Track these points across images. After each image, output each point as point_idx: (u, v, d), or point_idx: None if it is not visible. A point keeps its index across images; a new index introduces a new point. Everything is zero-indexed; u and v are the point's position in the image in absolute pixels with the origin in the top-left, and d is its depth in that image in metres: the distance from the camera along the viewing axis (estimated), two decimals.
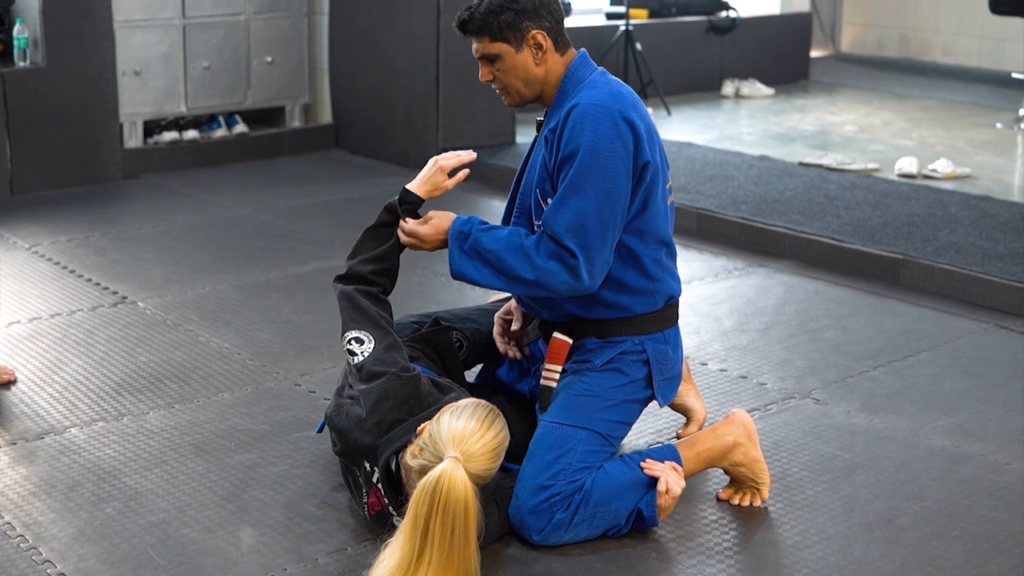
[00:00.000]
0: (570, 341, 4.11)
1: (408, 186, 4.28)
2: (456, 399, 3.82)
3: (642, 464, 3.92)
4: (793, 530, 4.00)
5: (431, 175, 4.25)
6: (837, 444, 4.61)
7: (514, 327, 4.36)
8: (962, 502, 4.19)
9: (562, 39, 4.08)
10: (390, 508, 3.77)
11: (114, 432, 4.66)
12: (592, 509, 3.84)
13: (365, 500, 3.87)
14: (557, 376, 4.05)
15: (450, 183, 4.28)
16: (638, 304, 4.06)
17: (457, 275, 4.04)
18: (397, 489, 3.74)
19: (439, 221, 4.13)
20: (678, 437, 4.53)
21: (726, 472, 4.17)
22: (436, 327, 4.38)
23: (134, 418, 4.79)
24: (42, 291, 6.20)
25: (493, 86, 4.14)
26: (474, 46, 4.07)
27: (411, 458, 3.61)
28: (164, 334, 5.67)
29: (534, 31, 4.00)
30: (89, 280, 6.38)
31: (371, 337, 3.97)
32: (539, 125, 4.19)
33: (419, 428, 3.68)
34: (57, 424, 4.72)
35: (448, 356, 4.33)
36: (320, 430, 4.37)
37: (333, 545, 3.88)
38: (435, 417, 3.64)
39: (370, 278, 4.15)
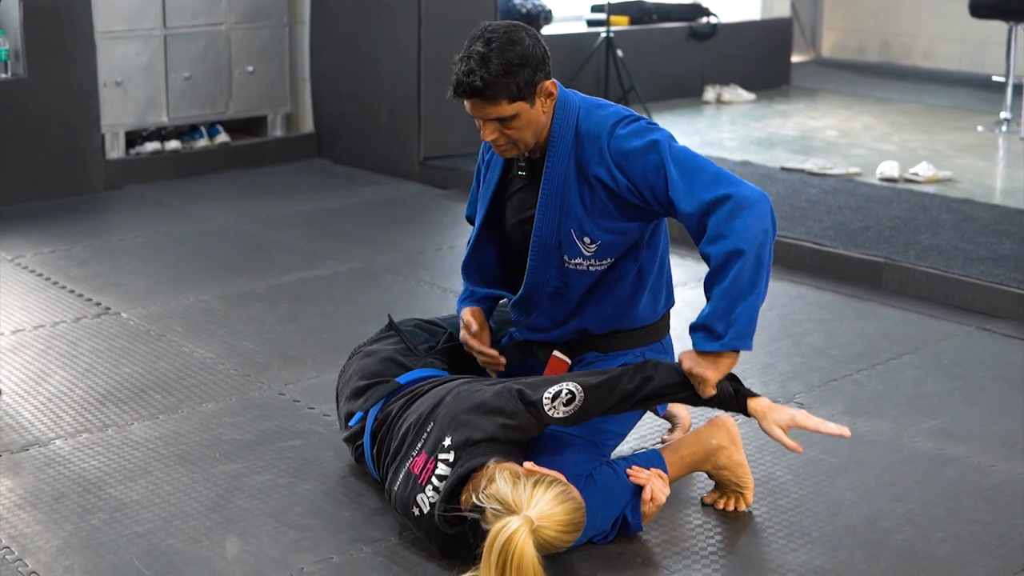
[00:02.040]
0: (569, 361, 4.14)
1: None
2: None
3: (628, 471, 3.93)
4: (778, 534, 4.01)
5: None
6: (821, 448, 4.62)
7: (476, 330, 4.27)
8: (946, 504, 4.21)
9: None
10: (427, 488, 3.76)
11: (99, 443, 4.65)
12: None
13: (412, 454, 3.86)
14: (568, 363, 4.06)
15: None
16: (643, 320, 4.12)
17: (748, 338, 3.78)
18: (456, 488, 3.72)
19: (709, 369, 3.77)
20: (663, 443, 4.55)
21: (710, 476, 4.18)
22: (453, 340, 4.38)
23: (119, 429, 4.79)
24: (25, 303, 6.20)
25: (494, 144, 3.93)
26: (475, 106, 3.85)
27: (502, 477, 3.56)
28: (148, 345, 5.66)
29: (546, 82, 3.88)
30: (72, 291, 6.37)
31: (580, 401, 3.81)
32: (522, 166, 4.08)
33: (528, 465, 3.66)
34: (42, 436, 4.72)
35: (468, 367, 4.33)
36: (354, 423, 4.27)
37: (319, 554, 3.88)
38: (549, 476, 3.58)
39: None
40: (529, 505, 3.46)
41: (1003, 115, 10.24)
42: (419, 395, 4.01)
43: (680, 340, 4.27)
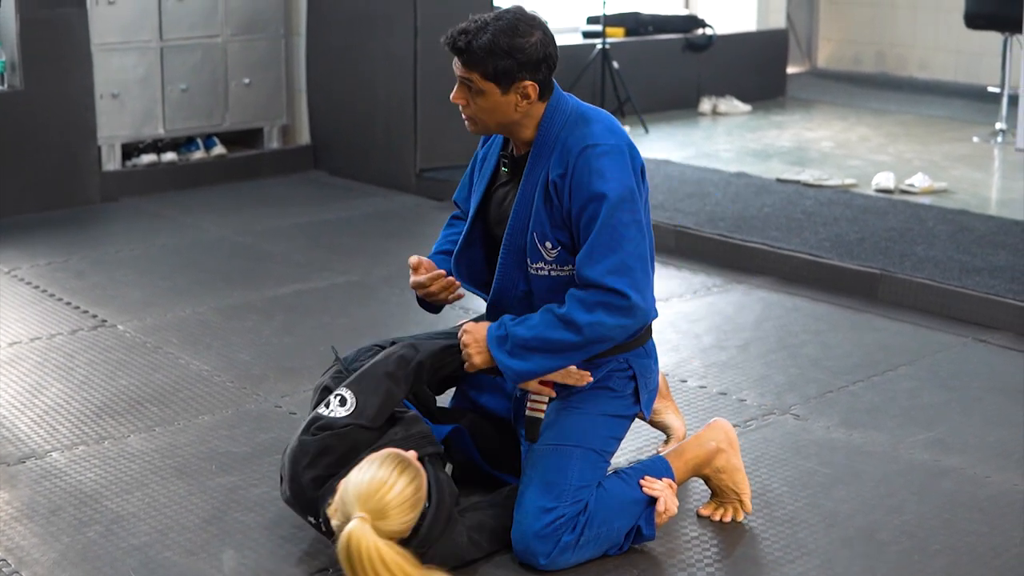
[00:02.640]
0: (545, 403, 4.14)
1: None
2: (394, 437, 3.83)
3: (641, 482, 3.94)
4: (774, 545, 4.01)
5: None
6: (817, 459, 4.62)
7: (416, 263, 4.26)
8: (942, 515, 4.21)
9: (549, 87, 3.96)
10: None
11: (95, 456, 4.65)
12: (597, 529, 3.85)
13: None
14: (544, 407, 4.04)
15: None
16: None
17: (515, 378, 3.88)
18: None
19: (476, 333, 3.93)
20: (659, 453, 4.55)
21: (708, 482, 4.18)
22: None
23: (115, 441, 4.79)
24: (22, 315, 6.20)
25: (461, 110, 3.98)
26: (456, 64, 3.92)
27: (332, 519, 3.53)
28: (144, 357, 5.66)
29: (527, 82, 3.88)
30: (69, 303, 6.37)
31: (354, 403, 3.83)
32: (505, 162, 4.11)
33: (338, 484, 3.60)
34: (38, 448, 4.72)
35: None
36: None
37: (315, 566, 3.88)
38: (344, 478, 3.58)
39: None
40: (349, 509, 3.44)
41: (998, 126, 10.25)
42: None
43: (665, 352, 4.28)
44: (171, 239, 7.66)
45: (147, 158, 8.94)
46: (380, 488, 3.46)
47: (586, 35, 11.66)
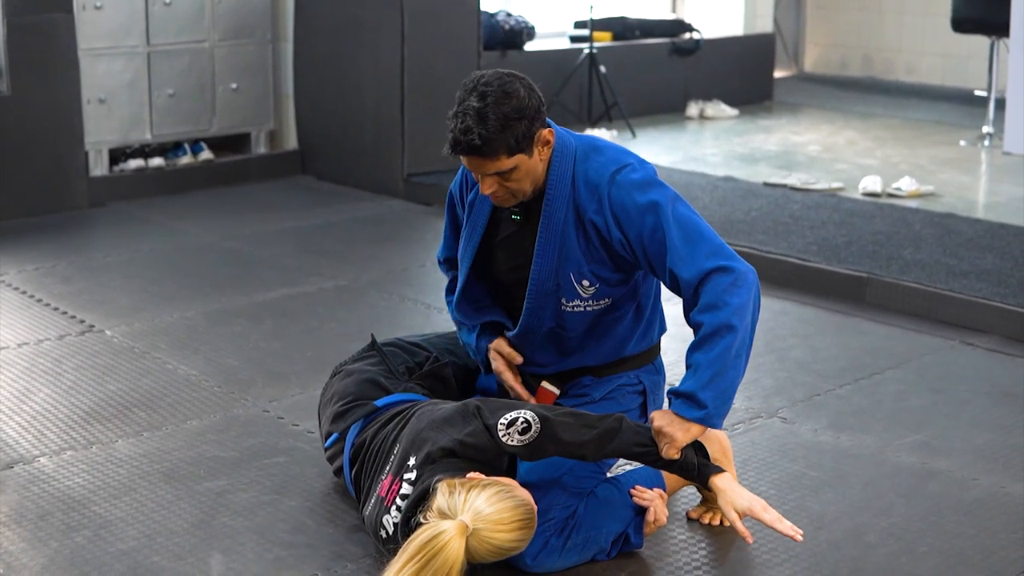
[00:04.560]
0: (557, 391, 4.15)
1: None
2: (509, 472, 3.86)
3: (632, 492, 3.94)
4: (762, 548, 4.01)
5: None
6: (804, 462, 4.63)
7: (512, 357, 4.22)
8: (930, 518, 4.22)
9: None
10: (392, 509, 3.75)
11: (83, 461, 4.65)
12: (585, 534, 3.85)
13: (381, 477, 3.87)
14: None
15: None
16: (639, 348, 4.14)
17: (720, 413, 3.76)
18: (417, 507, 3.71)
19: (668, 417, 3.76)
20: None
21: (699, 489, 4.19)
22: (436, 363, 4.37)
23: (103, 446, 4.78)
24: (9, 320, 6.19)
25: (495, 198, 3.90)
26: (475, 162, 3.78)
27: (442, 490, 3.57)
28: (132, 362, 5.66)
29: (543, 131, 3.82)
30: (56, 309, 6.37)
31: (535, 433, 3.74)
32: (516, 210, 4.00)
33: (470, 474, 3.64)
34: (26, 453, 4.71)
35: (450, 391, 4.32)
36: (330, 445, 4.30)
37: (304, 571, 3.87)
38: (487, 480, 3.60)
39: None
40: (463, 509, 3.48)
41: (985, 129, 10.27)
42: (393, 419, 4.01)
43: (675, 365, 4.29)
44: (159, 244, 7.66)
45: (134, 163, 8.93)
46: (497, 524, 3.48)
47: (573, 40, 11.65)
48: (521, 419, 3.71)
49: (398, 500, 3.73)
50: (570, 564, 3.87)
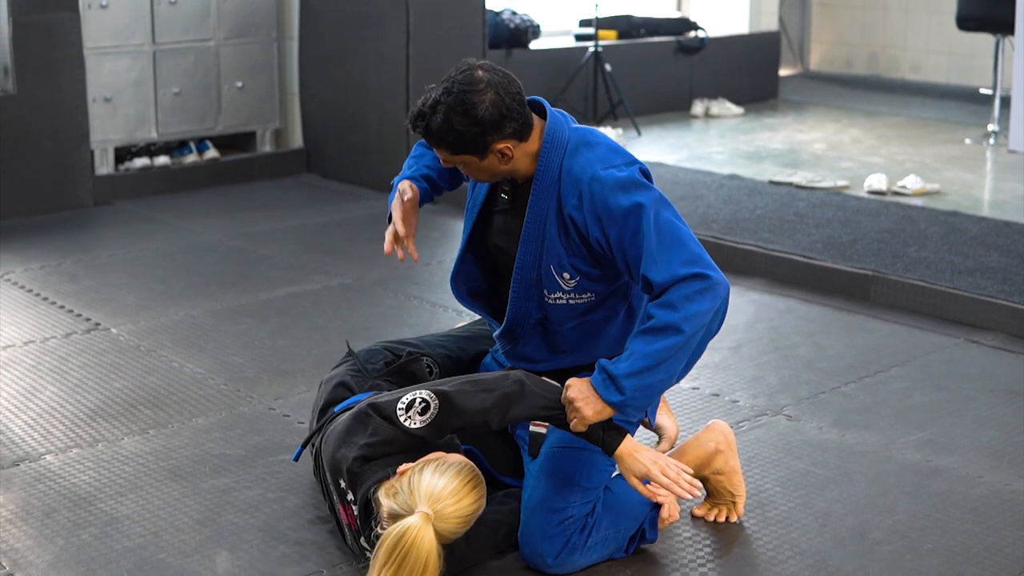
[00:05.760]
0: (544, 431, 4.13)
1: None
2: (446, 447, 3.83)
3: (647, 487, 3.93)
4: (767, 545, 4.02)
5: None
6: (809, 460, 4.63)
7: (410, 197, 4.20)
8: (934, 515, 4.22)
9: (527, 127, 3.84)
10: (361, 530, 3.76)
11: (89, 458, 4.66)
12: (605, 531, 3.86)
13: (336, 508, 3.88)
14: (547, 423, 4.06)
15: None
16: None
17: (635, 407, 3.76)
18: (369, 520, 3.71)
19: (581, 385, 3.71)
20: None
21: (705, 483, 4.18)
22: (409, 358, 4.37)
23: (109, 444, 4.79)
24: (15, 319, 6.20)
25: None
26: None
27: (384, 496, 3.59)
28: (138, 360, 5.67)
29: (499, 144, 3.77)
30: (62, 307, 6.37)
31: (435, 410, 3.73)
32: (505, 188, 4.01)
33: (400, 468, 3.64)
34: (32, 451, 4.72)
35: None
36: (296, 457, 4.35)
37: (309, 568, 3.88)
38: (419, 464, 3.60)
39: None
40: (416, 501, 3.49)
41: (991, 127, 10.26)
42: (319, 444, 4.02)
43: None
44: (164, 242, 7.66)
45: (140, 162, 8.94)
46: (451, 496, 3.50)
47: (579, 38, 11.65)
48: (418, 399, 3.70)
49: (359, 523, 3.75)
50: (591, 562, 3.87)
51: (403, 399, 3.72)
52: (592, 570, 3.86)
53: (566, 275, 3.91)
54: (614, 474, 4.01)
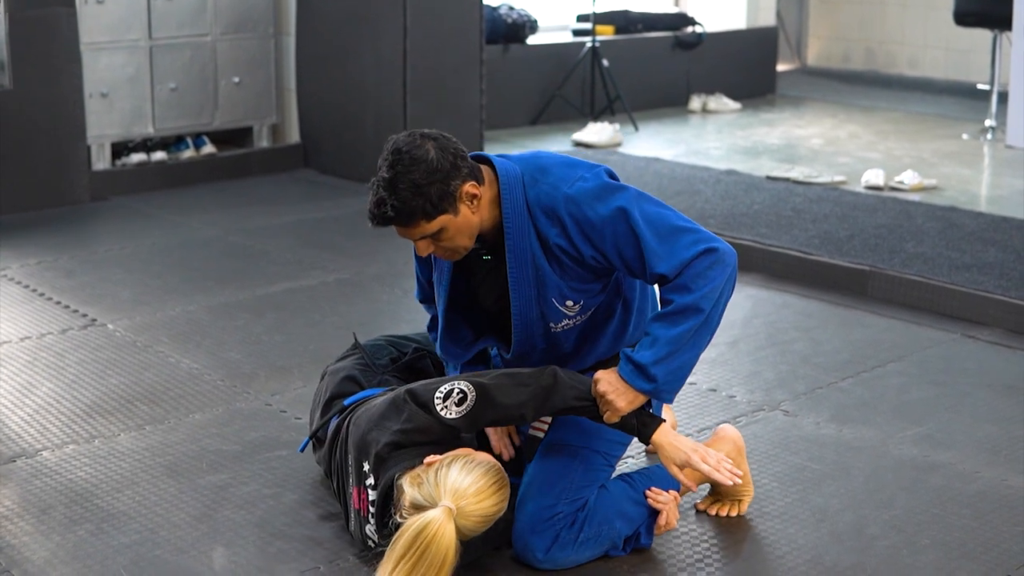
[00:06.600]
0: (542, 436, 4.13)
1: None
2: (471, 444, 3.84)
3: (648, 493, 3.93)
4: (764, 540, 4.02)
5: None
6: (807, 455, 4.63)
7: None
8: (931, 511, 4.22)
9: (478, 170, 3.78)
10: (370, 518, 3.75)
11: (86, 454, 4.65)
12: (597, 528, 3.85)
13: (349, 491, 3.87)
14: (545, 427, 4.04)
15: None
16: (635, 337, 4.10)
17: (667, 391, 3.76)
18: (387, 508, 3.71)
19: (611, 377, 3.75)
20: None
21: (714, 487, 4.19)
22: (416, 355, 4.37)
23: (105, 440, 4.79)
24: (11, 314, 6.19)
25: (436, 255, 3.87)
26: (401, 231, 3.75)
27: (408, 484, 3.58)
28: (134, 356, 5.66)
29: (465, 186, 3.70)
30: (59, 303, 6.37)
31: (472, 401, 3.73)
32: (484, 254, 3.93)
33: (428, 459, 3.63)
34: (29, 447, 4.72)
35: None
36: (303, 449, 4.35)
37: (306, 564, 3.88)
38: (447, 458, 3.60)
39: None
40: (440, 494, 3.48)
41: (988, 123, 10.27)
42: (344, 427, 4.01)
43: None
44: (161, 238, 7.66)
45: (136, 157, 8.94)
46: (476, 495, 3.50)
47: (576, 33, 11.67)
48: (456, 390, 3.71)
49: (371, 508, 3.74)
50: (583, 559, 3.86)
51: (441, 388, 3.73)
52: (589, 566, 3.86)
53: (569, 302, 3.88)
54: (613, 475, 4.01)
